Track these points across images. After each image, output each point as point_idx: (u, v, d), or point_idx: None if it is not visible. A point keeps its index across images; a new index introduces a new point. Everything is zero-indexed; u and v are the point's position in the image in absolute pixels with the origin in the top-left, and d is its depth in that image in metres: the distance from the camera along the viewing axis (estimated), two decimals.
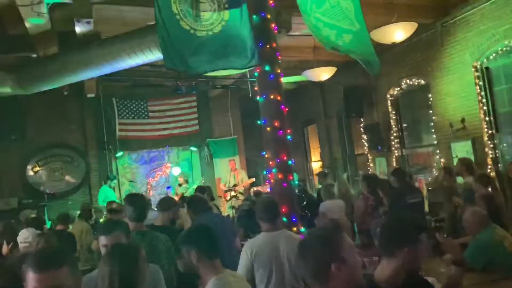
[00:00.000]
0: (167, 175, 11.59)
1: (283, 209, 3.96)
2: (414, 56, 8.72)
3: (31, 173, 10.37)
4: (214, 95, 11.87)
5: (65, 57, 7.06)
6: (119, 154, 11.11)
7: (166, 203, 4.32)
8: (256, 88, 4.52)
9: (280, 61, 4.55)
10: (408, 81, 9.15)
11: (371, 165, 10.53)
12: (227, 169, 11.20)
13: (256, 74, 4.50)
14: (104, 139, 10.88)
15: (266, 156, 4.37)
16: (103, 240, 2.72)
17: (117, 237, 2.67)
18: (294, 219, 4.15)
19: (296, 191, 5.13)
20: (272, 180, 4.33)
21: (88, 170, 10.86)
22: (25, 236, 3.93)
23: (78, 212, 7.03)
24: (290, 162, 4.29)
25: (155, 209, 4.82)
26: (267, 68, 4.35)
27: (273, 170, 4.24)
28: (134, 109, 11.33)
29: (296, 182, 5.48)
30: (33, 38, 6.79)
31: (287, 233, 3.35)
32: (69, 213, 6.25)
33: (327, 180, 7.65)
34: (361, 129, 10.55)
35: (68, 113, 10.79)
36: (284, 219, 3.98)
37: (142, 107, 11.41)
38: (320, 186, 7.82)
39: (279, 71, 4.41)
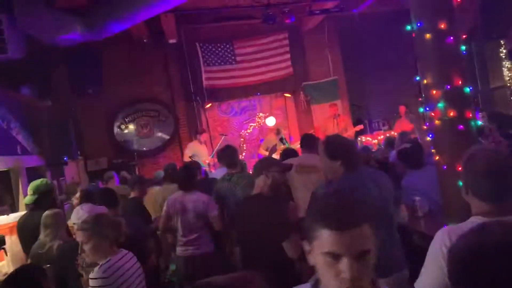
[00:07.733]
0: (261, 126, 10.35)
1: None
2: None
3: (118, 130, 9.72)
4: (308, 29, 10.11)
5: None
6: (208, 105, 10.06)
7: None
8: None
9: None
10: None
11: None
12: (328, 116, 9.57)
13: None
14: (191, 90, 9.88)
15: (424, 82, 2.64)
16: None
17: None
18: None
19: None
20: (436, 121, 2.58)
21: (177, 125, 9.97)
22: (78, 216, 2.85)
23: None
24: (467, 89, 2.53)
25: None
26: None
27: (439, 105, 2.51)
28: (220, 53, 10.06)
29: (479, 122, 3.49)
30: None
31: None
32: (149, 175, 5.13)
33: None
34: (502, 54, 8.22)
35: (150, 63, 9.83)
36: None
37: (228, 50, 10.09)
38: None
39: None
